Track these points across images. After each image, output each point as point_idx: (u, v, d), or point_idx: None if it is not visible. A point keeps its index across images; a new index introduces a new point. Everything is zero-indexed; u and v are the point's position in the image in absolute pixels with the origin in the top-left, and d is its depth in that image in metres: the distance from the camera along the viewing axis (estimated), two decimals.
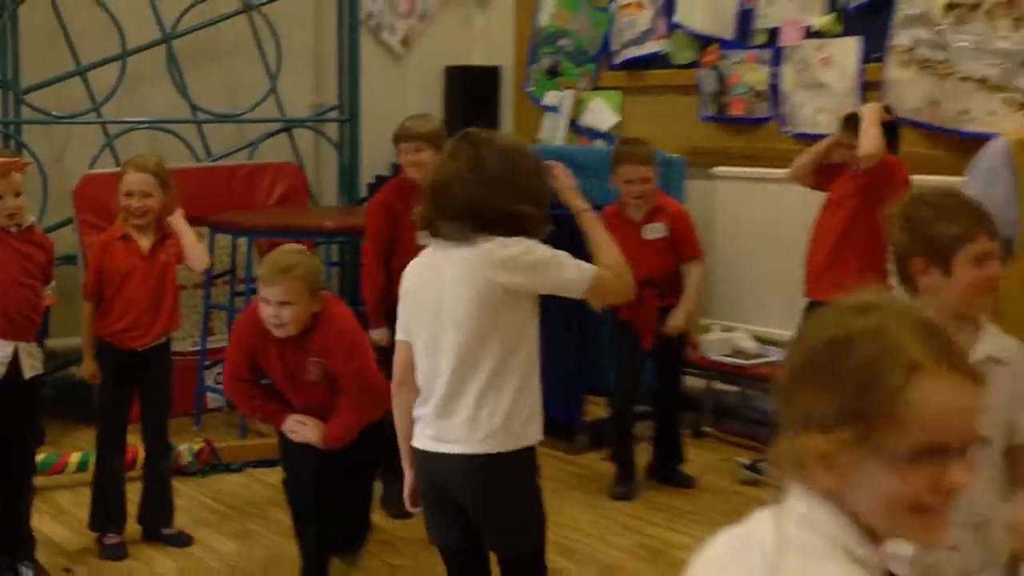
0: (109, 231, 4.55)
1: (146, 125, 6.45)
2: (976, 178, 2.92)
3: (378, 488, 4.62)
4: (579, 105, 6.94)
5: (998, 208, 2.78)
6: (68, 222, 6.01)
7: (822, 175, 4.88)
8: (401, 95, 7.11)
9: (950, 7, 5.17)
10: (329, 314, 3.91)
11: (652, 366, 5.30)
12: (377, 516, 4.38)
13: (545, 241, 2.94)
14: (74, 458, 5.11)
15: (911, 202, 2.50)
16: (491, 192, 2.90)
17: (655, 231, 4.97)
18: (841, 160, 4.82)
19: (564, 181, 3.09)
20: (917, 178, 4.59)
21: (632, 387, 5.28)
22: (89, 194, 5.79)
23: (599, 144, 6.77)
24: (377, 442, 4.05)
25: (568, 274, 2.91)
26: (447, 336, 2.84)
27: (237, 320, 4.58)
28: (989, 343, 2.46)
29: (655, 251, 5.03)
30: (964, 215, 2.43)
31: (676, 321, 5.03)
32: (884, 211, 2.55)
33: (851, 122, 4.74)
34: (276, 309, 3.71)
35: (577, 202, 3.10)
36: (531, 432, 2.90)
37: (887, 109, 4.86)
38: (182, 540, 4.59)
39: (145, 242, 4.44)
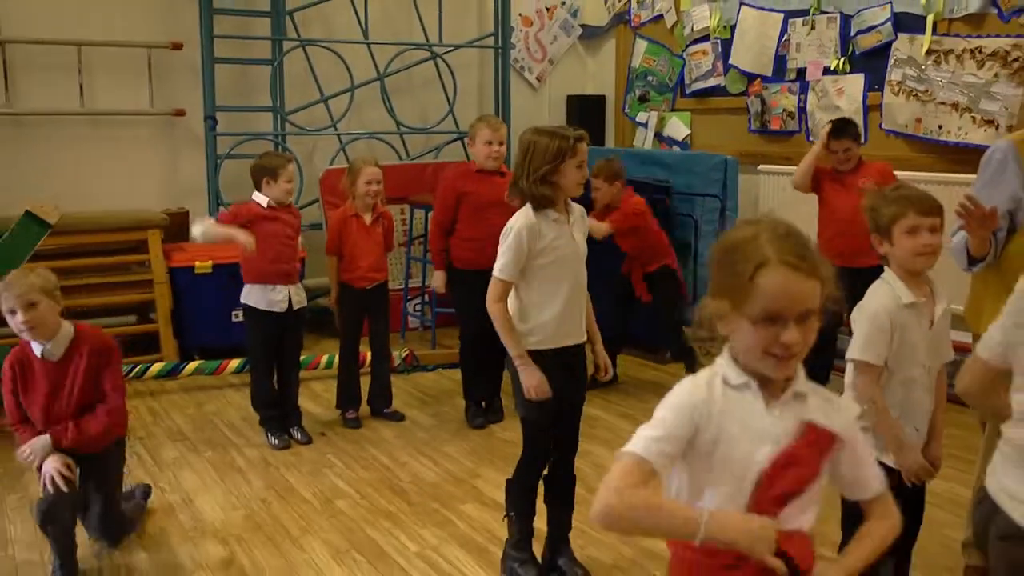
0: (343, 208, 4.58)
1: (367, 136, 6.64)
2: (987, 169, 2.79)
3: None
4: (661, 121, 6.96)
5: (1011, 193, 2.69)
6: (315, 201, 6.26)
7: (814, 180, 4.75)
8: (538, 115, 7.20)
9: (929, 52, 5.16)
10: None
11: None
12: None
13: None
14: (324, 359, 5.31)
15: (872, 196, 2.47)
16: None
17: (602, 227, 4.78)
18: (828, 164, 4.73)
19: None
20: (904, 174, 4.60)
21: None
22: (329, 182, 5.92)
23: (675, 149, 6.79)
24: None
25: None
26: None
27: None
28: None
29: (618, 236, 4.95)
30: (901, 199, 2.38)
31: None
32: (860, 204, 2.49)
33: (837, 131, 4.67)
34: None
35: None
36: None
37: (845, 122, 4.73)
38: (397, 416, 4.74)
39: (368, 216, 4.53)
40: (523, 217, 2.87)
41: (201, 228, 4.07)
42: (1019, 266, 2.48)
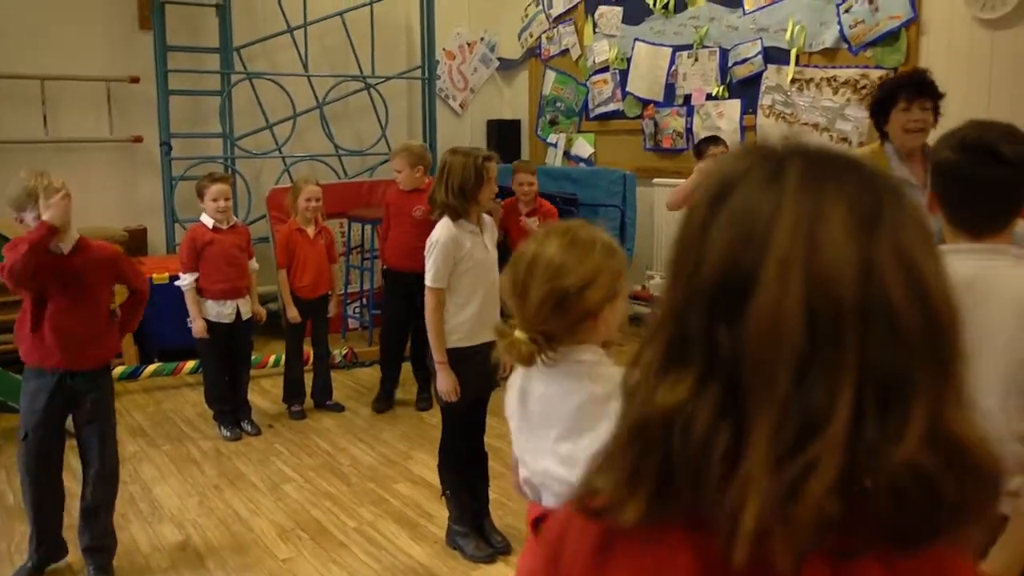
0: (288, 223, 4.53)
1: (308, 158, 6.56)
2: None
3: None
4: (569, 142, 6.96)
5: None
6: (263, 217, 6.14)
7: (688, 198, 4.83)
8: (461, 138, 7.14)
9: (794, 81, 5.28)
10: None
11: None
12: None
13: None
14: (272, 359, 5.23)
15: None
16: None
17: (532, 223, 4.83)
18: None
19: None
20: None
21: None
22: (275, 200, 5.71)
23: (582, 166, 6.79)
24: None
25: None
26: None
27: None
28: None
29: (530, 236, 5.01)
30: None
31: None
32: None
33: (709, 140, 4.63)
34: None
35: None
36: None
37: (715, 137, 4.73)
38: (337, 408, 4.68)
39: (311, 230, 4.50)
40: (445, 229, 2.88)
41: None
42: None
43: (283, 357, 4.78)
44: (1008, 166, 1.53)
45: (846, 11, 5.03)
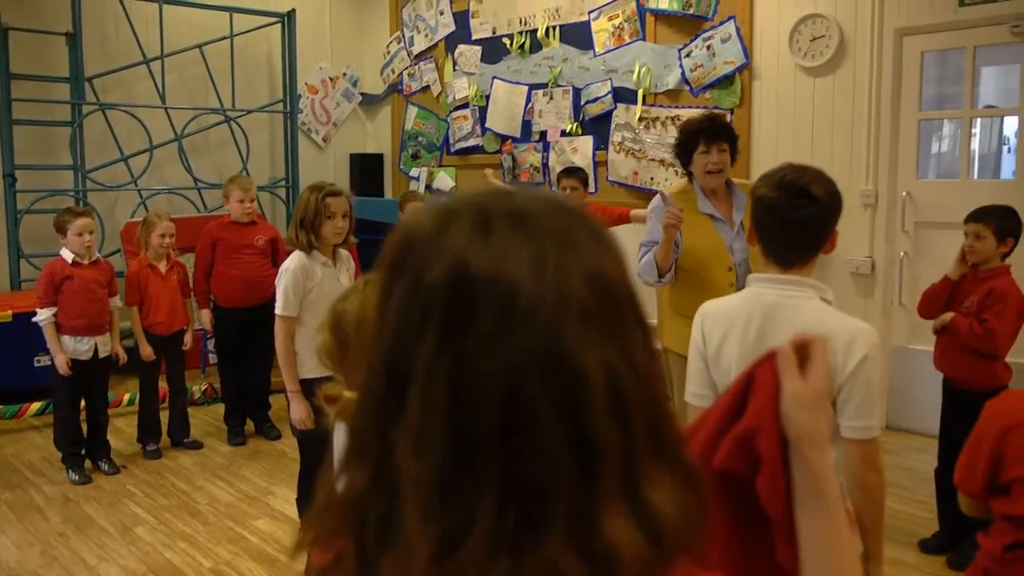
0: (139, 259, 4.35)
1: (166, 191, 6.31)
2: (655, 215, 3.21)
3: None
4: (431, 175, 6.95)
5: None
6: (118, 251, 5.86)
7: None
8: (324, 171, 7.04)
9: (641, 119, 5.46)
10: None
11: None
12: None
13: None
14: (126, 397, 5.00)
15: None
16: None
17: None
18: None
19: None
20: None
21: None
22: (129, 234, 5.38)
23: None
24: None
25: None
26: None
27: None
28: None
29: None
30: None
31: None
32: None
33: (565, 171, 4.69)
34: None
35: None
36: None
37: (575, 168, 4.85)
38: (195, 445, 4.50)
39: (163, 265, 4.35)
40: (296, 259, 2.90)
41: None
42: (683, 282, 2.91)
43: (137, 395, 4.57)
44: (818, 204, 1.67)
45: (687, 56, 5.26)
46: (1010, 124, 5.80)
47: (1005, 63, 5.06)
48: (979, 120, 5.76)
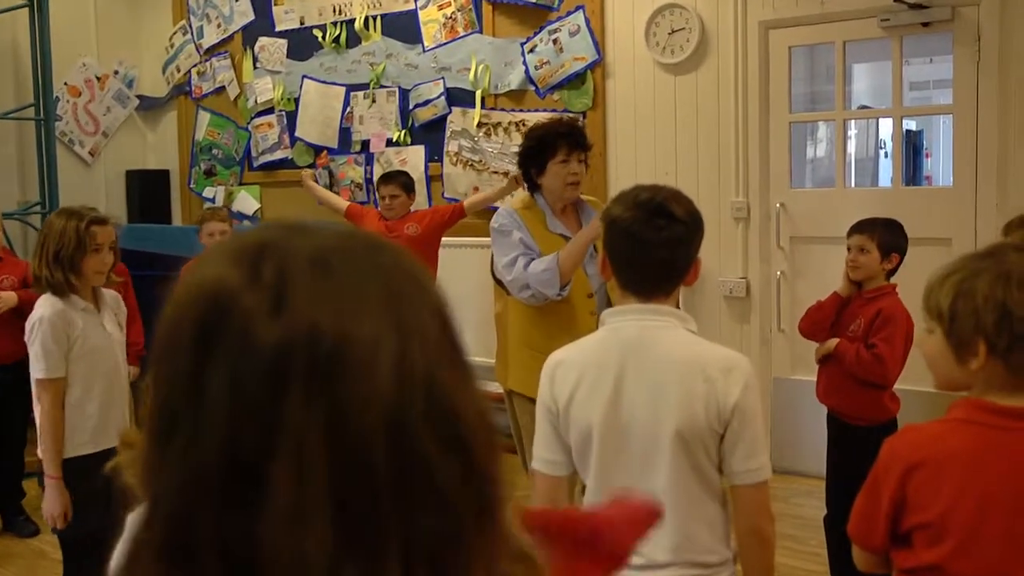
0: None
1: None
2: (509, 225, 3.23)
3: None
4: (230, 196, 6.83)
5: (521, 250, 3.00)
6: None
7: (359, 222, 4.90)
8: (92, 193, 6.69)
9: (480, 125, 5.53)
10: None
11: None
12: None
13: None
14: None
15: None
16: None
17: None
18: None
19: None
20: (466, 239, 5.13)
21: None
22: None
23: (247, 224, 6.60)
24: None
25: None
26: None
27: None
28: None
29: None
30: None
31: None
32: None
33: (384, 176, 4.92)
34: None
35: None
36: None
37: (397, 172, 5.03)
38: None
39: None
40: (48, 306, 2.71)
41: None
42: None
43: None
44: (680, 224, 1.74)
45: (531, 51, 5.37)
46: (886, 127, 6.22)
47: (877, 60, 5.43)
48: (854, 123, 6.14)
